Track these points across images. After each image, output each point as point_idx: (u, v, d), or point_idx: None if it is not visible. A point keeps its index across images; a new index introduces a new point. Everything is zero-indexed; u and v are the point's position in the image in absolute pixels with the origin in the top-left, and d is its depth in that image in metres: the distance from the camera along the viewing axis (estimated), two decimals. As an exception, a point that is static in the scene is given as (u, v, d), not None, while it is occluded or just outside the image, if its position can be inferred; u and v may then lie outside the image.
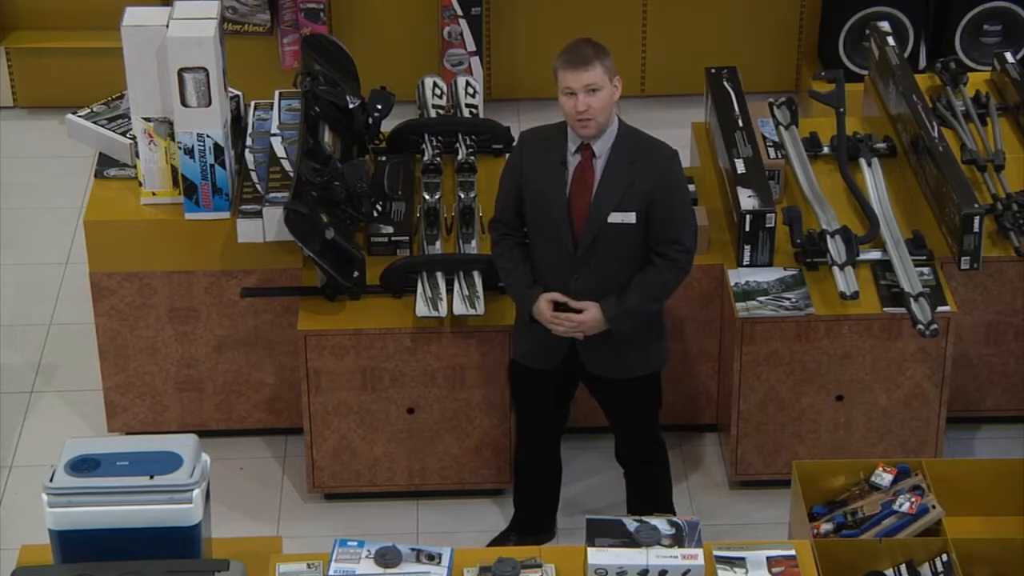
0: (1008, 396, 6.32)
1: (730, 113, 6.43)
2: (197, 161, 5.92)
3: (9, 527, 5.95)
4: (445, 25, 8.08)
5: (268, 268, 6.04)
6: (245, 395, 6.30)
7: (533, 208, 5.32)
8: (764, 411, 5.96)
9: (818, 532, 5.12)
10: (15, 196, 7.77)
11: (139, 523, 4.27)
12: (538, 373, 5.53)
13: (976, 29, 7.96)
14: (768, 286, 5.90)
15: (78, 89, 7.07)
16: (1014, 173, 6.38)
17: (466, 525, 5.94)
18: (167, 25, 5.81)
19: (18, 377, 6.73)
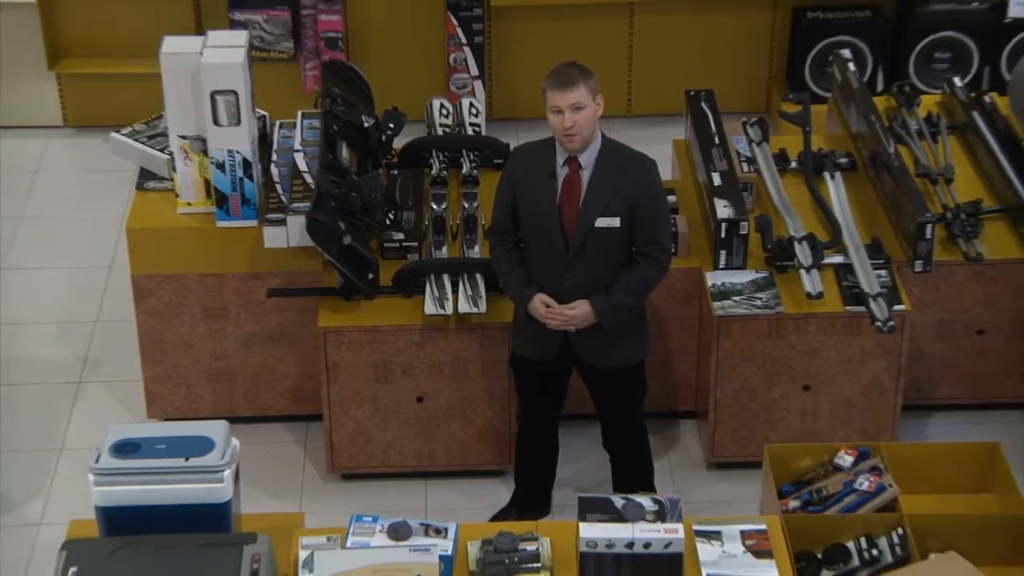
0: (958, 386, 6.31)
1: (707, 131, 6.41)
2: (228, 174, 5.91)
3: (59, 504, 5.93)
4: (451, 52, 8.07)
5: (291, 271, 6.02)
6: (270, 385, 6.28)
7: (527, 216, 5.31)
8: (738, 400, 5.94)
9: (786, 508, 5.11)
10: (65, 206, 7.76)
11: (175, 500, 4.27)
12: (536, 364, 5.52)
13: (928, 56, 7.96)
14: (742, 287, 5.88)
15: (121, 110, 7.05)
16: (962, 185, 6.38)
17: (470, 502, 5.92)
18: (201, 52, 5.82)
19: (67, 369, 6.71)
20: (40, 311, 7.06)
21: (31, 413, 6.46)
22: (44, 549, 5.67)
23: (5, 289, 7.19)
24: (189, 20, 7.97)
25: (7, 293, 7.17)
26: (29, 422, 6.41)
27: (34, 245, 7.51)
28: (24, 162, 8.09)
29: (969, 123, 6.69)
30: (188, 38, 6.01)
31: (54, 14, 8.07)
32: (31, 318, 7.01)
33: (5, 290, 7.19)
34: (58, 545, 4.25)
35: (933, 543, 4.79)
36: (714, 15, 8.09)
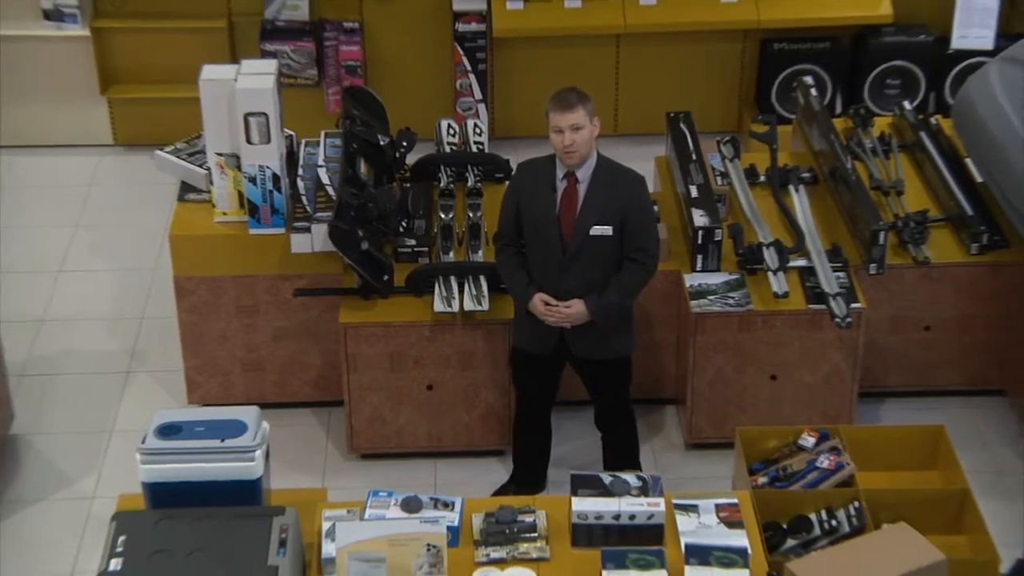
0: (907, 375, 6.31)
1: (685, 149, 6.41)
2: (259, 187, 5.91)
3: (110, 480, 5.94)
4: (457, 78, 8.07)
5: (315, 273, 6.01)
6: (297, 374, 6.27)
7: (529, 224, 5.31)
8: (713, 388, 5.94)
9: (756, 484, 5.10)
10: (114, 215, 7.76)
11: (212, 477, 4.27)
12: (534, 357, 5.52)
13: (881, 83, 7.96)
14: (716, 287, 5.88)
15: (164, 130, 7.03)
16: (911, 197, 6.38)
17: (474, 479, 5.90)
18: (236, 79, 5.82)
19: (117, 360, 6.70)
20: (93, 309, 7.05)
21: (85, 399, 6.46)
22: (96, 520, 5.67)
23: (63, 289, 7.19)
24: (225, 51, 7.96)
25: (64, 293, 7.17)
26: (83, 407, 6.41)
27: (88, 250, 7.51)
28: (79, 177, 8.08)
29: (917, 142, 6.69)
30: (224, 66, 6.00)
31: (105, 46, 8.06)
32: (85, 315, 7.01)
33: (62, 290, 7.19)
34: (109, 516, 4.26)
35: (885, 515, 4.79)
36: (691, 45, 8.08)
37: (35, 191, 7.97)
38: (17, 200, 7.89)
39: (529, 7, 7.84)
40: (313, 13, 7.96)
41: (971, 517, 4.95)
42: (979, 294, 6.14)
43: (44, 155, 8.24)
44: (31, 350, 6.72)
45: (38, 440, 6.21)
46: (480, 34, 7.96)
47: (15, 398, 6.23)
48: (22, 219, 7.72)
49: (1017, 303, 6.11)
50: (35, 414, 6.33)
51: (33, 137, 8.25)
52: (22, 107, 8.16)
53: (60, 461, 6.11)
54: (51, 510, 5.85)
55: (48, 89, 8.13)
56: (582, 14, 7.84)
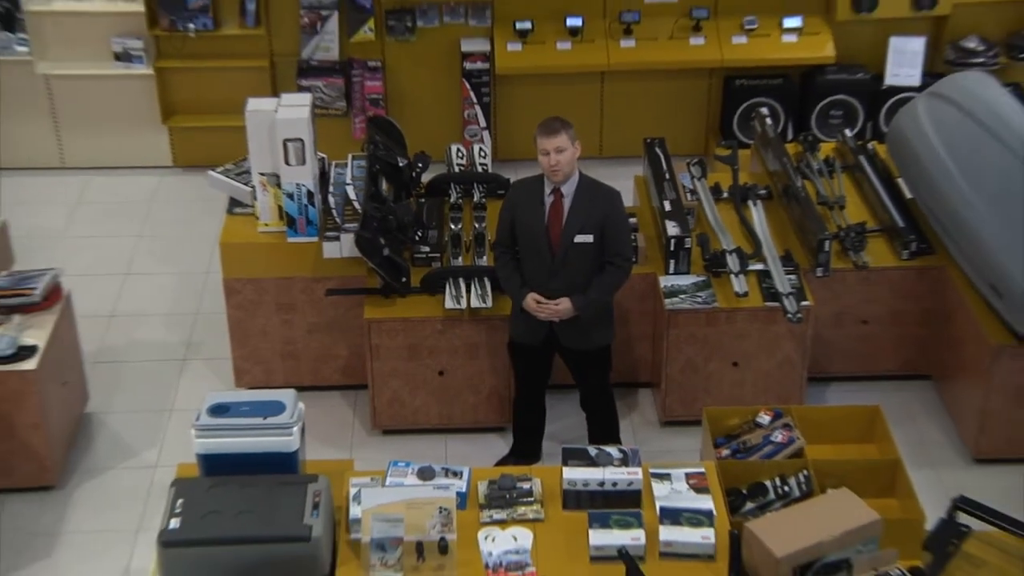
0: (848, 363, 6.31)
1: (660, 169, 6.40)
2: (296, 202, 5.92)
3: (170, 451, 5.95)
4: (465, 109, 8.06)
5: (344, 275, 6.01)
6: (327, 363, 6.26)
7: (522, 233, 5.32)
8: (683, 373, 5.93)
9: (720, 456, 5.09)
10: (173, 227, 7.76)
11: (256, 449, 4.30)
12: (527, 347, 5.52)
13: (825, 114, 7.96)
14: (686, 288, 5.87)
15: (216, 153, 7.03)
16: (852, 211, 6.37)
17: (479, 451, 5.90)
18: (276, 110, 5.84)
19: (175, 350, 6.71)
20: (155, 306, 7.05)
21: (148, 383, 6.46)
22: (159, 486, 5.68)
23: (129, 289, 7.19)
24: (267, 86, 7.96)
25: (131, 292, 7.16)
26: (147, 390, 6.41)
27: (150, 256, 7.50)
28: (143, 194, 8.08)
29: (857, 164, 6.69)
30: (266, 99, 6.02)
31: (166, 82, 8.05)
32: (148, 311, 7.01)
33: (129, 290, 7.18)
34: (169, 483, 4.27)
35: (830, 481, 4.77)
36: (664, 81, 8.07)
37: (106, 206, 7.97)
38: (91, 213, 7.90)
39: (526, 49, 7.83)
40: (342, 54, 7.95)
41: (902, 483, 4.94)
42: (909, 293, 6.14)
43: (114, 175, 8.23)
44: (103, 341, 6.71)
45: (109, 418, 6.22)
46: (485, 72, 7.95)
47: (89, 382, 6.24)
48: (95, 230, 7.73)
49: (940, 301, 6.10)
50: (106, 395, 6.33)
51: (105, 160, 8.25)
52: (96, 135, 8.17)
53: (127, 435, 6.11)
54: (120, 477, 5.86)
55: (118, 119, 8.13)
56: (572, 55, 7.83)
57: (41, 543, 5.48)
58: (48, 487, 5.72)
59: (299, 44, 7.93)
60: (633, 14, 7.76)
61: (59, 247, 7.44)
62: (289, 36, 7.94)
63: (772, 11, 7.85)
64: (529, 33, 7.81)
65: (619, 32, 7.84)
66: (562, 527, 4.36)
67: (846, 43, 7.90)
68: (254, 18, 7.87)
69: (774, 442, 5.12)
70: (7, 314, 5.68)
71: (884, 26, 7.81)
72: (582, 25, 7.80)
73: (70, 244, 7.53)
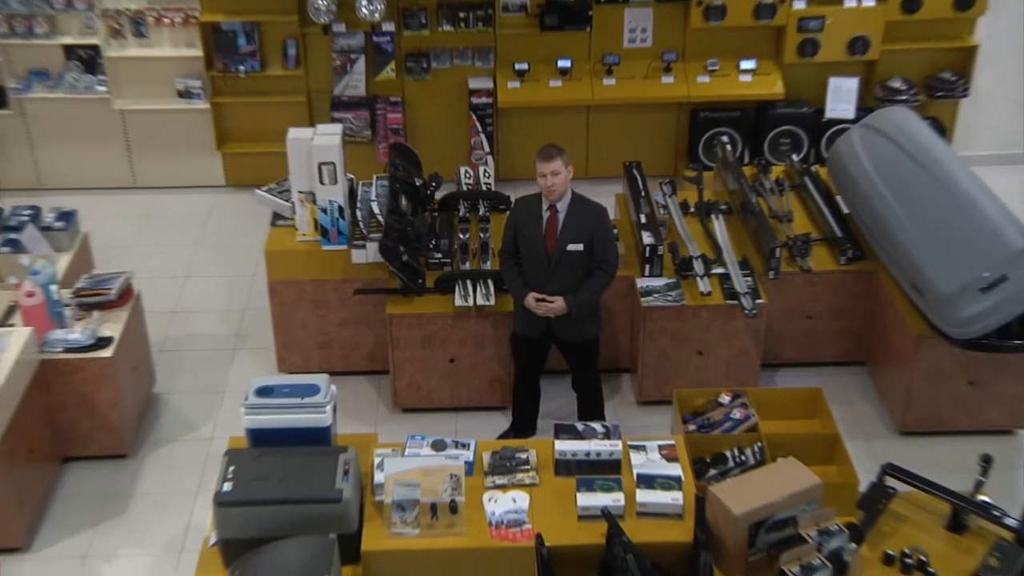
0: (795, 352, 6.29)
1: (636, 188, 6.39)
2: (329, 216, 5.90)
3: (223, 426, 5.94)
4: (472, 136, 8.04)
5: (369, 277, 5.99)
6: (356, 351, 6.24)
7: (523, 242, 5.31)
8: (657, 360, 5.93)
9: (687, 431, 5.09)
10: (225, 237, 7.74)
11: (295, 425, 4.29)
12: (527, 339, 5.51)
13: (776, 141, 7.96)
14: (659, 288, 5.86)
15: (261, 174, 7.02)
16: (798, 223, 6.36)
17: (484, 426, 5.88)
18: (312, 138, 5.82)
19: (227, 340, 6.69)
20: (210, 303, 7.03)
21: (205, 368, 6.44)
22: (214, 456, 5.68)
23: (189, 289, 7.17)
24: (305, 118, 7.95)
25: (190, 292, 7.15)
26: (204, 374, 6.39)
27: (207, 261, 7.48)
28: (200, 209, 8.06)
29: (802, 184, 6.68)
30: (304, 129, 5.99)
31: (220, 115, 8.03)
32: (204, 307, 6.99)
33: (190, 290, 7.17)
34: (222, 452, 4.26)
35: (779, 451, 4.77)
36: (640, 114, 8.05)
37: (170, 219, 7.95)
38: (157, 225, 7.89)
39: (524, 86, 7.81)
40: (368, 91, 7.93)
41: (839, 453, 4.93)
42: (846, 293, 6.13)
43: (176, 193, 8.22)
44: (166, 332, 6.70)
45: (172, 398, 6.20)
46: (489, 105, 7.93)
47: (156, 367, 6.23)
48: (161, 239, 7.71)
49: (872, 299, 6.09)
50: (169, 379, 6.31)
51: (168, 180, 8.24)
52: (161, 159, 8.16)
53: (187, 413, 6.10)
54: (182, 448, 5.85)
55: (179, 146, 8.11)
56: (562, 91, 7.81)
57: (117, 503, 5.48)
58: (122, 456, 5.72)
59: (332, 83, 7.91)
60: (614, 57, 7.76)
61: (130, 254, 7.42)
62: (323, 76, 7.92)
63: (731, 55, 7.85)
64: (526, 73, 7.80)
65: (602, 72, 7.83)
66: (554, 491, 4.36)
67: (793, 82, 7.89)
68: (294, 61, 7.86)
69: (733, 419, 5.11)
70: (88, 310, 5.67)
71: (824, 68, 7.80)
72: (571, 66, 7.79)
73: (139, 251, 7.51)
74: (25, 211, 6.39)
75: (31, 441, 5.27)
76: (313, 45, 7.85)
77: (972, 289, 5.27)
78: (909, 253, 5.61)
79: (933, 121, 7.66)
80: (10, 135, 7.98)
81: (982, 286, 5.26)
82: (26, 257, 5.88)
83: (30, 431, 5.26)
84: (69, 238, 6.29)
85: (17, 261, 5.88)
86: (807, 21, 7.70)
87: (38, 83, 7.86)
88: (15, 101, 7.85)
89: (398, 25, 7.75)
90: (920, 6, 7.62)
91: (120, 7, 7.73)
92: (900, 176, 5.81)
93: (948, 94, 7.94)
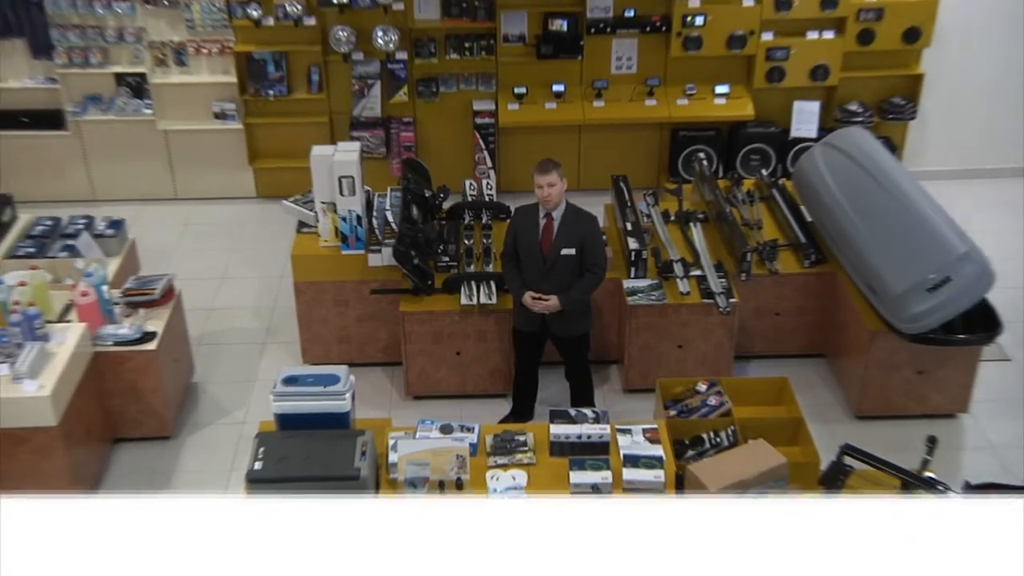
0: (765, 345, 6.27)
1: (623, 199, 6.38)
2: (348, 224, 5.90)
3: (254, 411, 5.92)
4: (476, 153, 8.03)
5: (384, 279, 5.97)
6: (372, 344, 6.23)
7: (522, 247, 5.30)
8: (641, 353, 5.91)
9: (668, 416, 5.09)
10: (256, 243, 7.72)
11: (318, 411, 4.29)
12: (525, 333, 5.50)
13: (747, 157, 7.93)
14: (643, 288, 5.84)
15: (288, 187, 7.02)
16: (767, 230, 6.34)
17: (487, 412, 5.87)
18: (333, 154, 5.82)
19: (258, 335, 6.67)
20: (242, 301, 7.02)
21: (238, 359, 6.43)
22: (245, 439, 5.65)
23: (224, 289, 7.16)
24: (327, 136, 7.92)
25: (225, 292, 7.13)
26: (237, 364, 6.38)
27: (240, 264, 7.46)
28: (234, 218, 8.05)
29: (771, 195, 6.66)
30: (326, 147, 5.99)
31: (252, 134, 8.02)
32: (237, 305, 6.98)
33: (224, 290, 7.15)
34: (253, 435, 4.26)
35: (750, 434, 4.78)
36: (626, 132, 8.03)
37: (208, 227, 7.94)
38: (197, 232, 7.88)
39: (522, 108, 7.79)
40: (383, 112, 7.92)
41: (803, 435, 4.94)
42: (809, 292, 6.12)
43: (212, 204, 8.20)
44: (204, 328, 6.69)
45: (209, 386, 6.20)
46: (491, 125, 7.92)
47: (195, 359, 6.22)
48: (199, 244, 7.70)
49: (832, 298, 6.09)
50: (206, 369, 6.31)
51: (206, 192, 8.22)
52: (199, 174, 8.15)
53: (223, 399, 6.09)
54: (217, 430, 5.85)
55: (215, 162, 8.10)
56: (556, 112, 7.80)
57: (161, 479, 5.48)
58: (165, 437, 5.71)
59: (351, 105, 7.90)
60: (602, 82, 7.75)
61: (172, 258, 7.42)
62: (343, 99, 7.91)
63: (707, 80, 7.83)
64: (524, 96, 7.78)
65: (592, 95, 7.82)
66: (549, 469, 4.36)
67: (761, 105, 7.87)
68: (317, 86, 7.85)
69: (709, 405, 5.12)
70: (135, 308, 5.67)
71: (790, 93, 7.79)
72: (564, 90, 7.77)
73: (180, 255, 7.50)
74: (80, 220, 6.42)
75: (86, 423, 5.28)
76: (334, 72, 7.84)
77: (920, 289, 5.28)
78: (865, 257, 5.61)
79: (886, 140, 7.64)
80: (67, 153, 7.98)
81: (929, 286, 5.26)
82: (81, 261, 5.88)
83: (85, 414, 5.26)
84: (118, 244, 6.30)
85: (73, 264, 5.89)
86: (774, 51, 7.69)
87: (92, 107, 7.87)
88: (72, 123, 7.86)
89: (410, 54, 7.75)
90: (873, 39, 7.63)
91: (164, 39, 7.74)
92: (857, 189, 5.81)
93: (898, 116, 7.95)
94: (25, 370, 4.89)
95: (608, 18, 7.64)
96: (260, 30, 7.65)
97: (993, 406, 5.86)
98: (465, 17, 7.66)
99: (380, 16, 7.58)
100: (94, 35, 7.63)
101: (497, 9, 7.61)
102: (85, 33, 7.61)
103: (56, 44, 7.60)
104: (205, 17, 7.68)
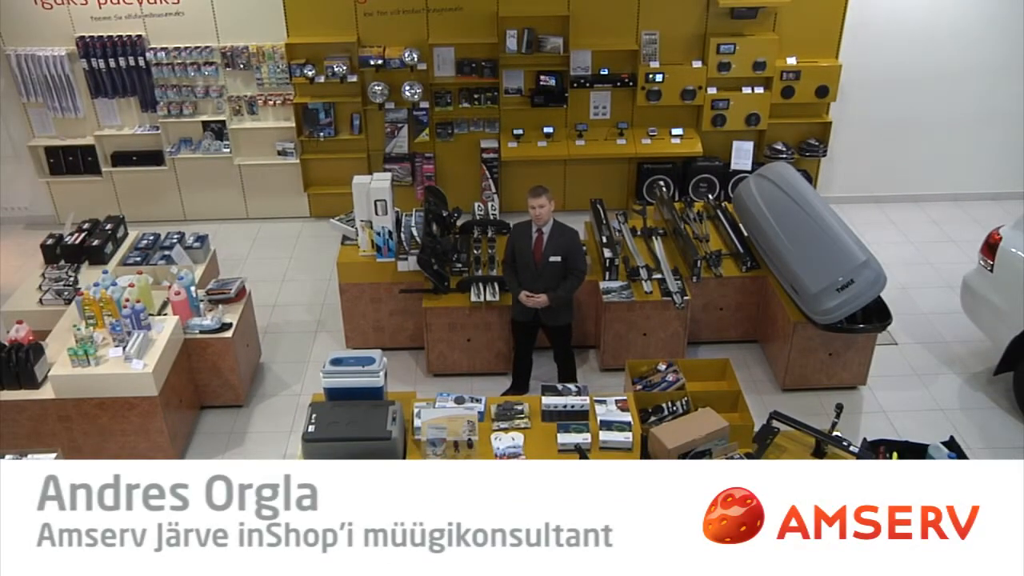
0: (711, 333, 6.24)
1: (600, 217, 6.36)
2: (382, 237, 5.87)
3: (308, 385, 5.90)
4: (483, 181, 7.99)
5: (410, 281, 5.94)
6: (401, 333, 6.19)
7: (518, 256, 5.28)
8: (614, 340, 5.87)
9: (635, 390, 5.07)
10: (309, 253, 7.67)
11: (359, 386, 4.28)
12: (522, 323, 5.47)
13: (697, 185, 7.90)
14: (616, 288, 5.82)
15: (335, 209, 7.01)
16: (713, 243, 6.30)
17: (491, 387, 5.85)
18: (370, 182, 5.78)
19: (311, 325, 6.63)
20: (298, 298, 6.98)
21: (295, 344, 6.40)
22: (302, 407, 5.64)
23: (285, 290, 7.12)
24: (365, 168, 7.89)
25: (285, 291, 7.10)
26: (294, 349, 6.35)
27: (296, 270, 7.42)
28: (290, 234, 8.00)
29: (716, 215, 6.63)
30: (364, 176, 5.94)
31: (307, 167, 7.98)
32: (295, 302, 6.94)
33: (285, 290, 7.11)
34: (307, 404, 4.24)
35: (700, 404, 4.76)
36: (602, 164, 7.98)
37: (272, 240, 7.90)
38: (262, 245, 7.84)
39: (520, 145, 7.75)
40: (409, 149, 7.89)
41: (741, 404, 4.92)
42: (745, 292, 6.10)
43: (276, 223, 8.16)
44: (269, 319, 6.66)
45: (273, 365, 6.18)
46: (495, 159, 7.88)
47: (262, 344, 6.20)
48: (265, 254, 7.66)
49: (763, 296, 6.07)
50: (271, 352, 6.28)
51: (270, 213, 8.18)
52: (266, 199, 8.11)
53: (284, 376, 6.07)
54: (279, 401, 5.83)
55: (278, 189, 8.06)
56: (547, 149, 7.76)
57: (236, 438, 5.46)
58: (239, 406, 5.70)
59: (384, 144, 7.86)
60: (583, 125, 7.73)
61: (244, 265, 7.39)
62: (378, 139, 7.87)
63: (665, 124, 7.82)
64: (521, 136, 7.75)
65: (575, 136, 7.79)
66: (541, 432, 4.35)
67: (708, 144, 7.85)
68: (358, 129, 7.82)
69: (667, 381, 5.12)
70: (216, 304, 5.67)
71: (729, 135, 7.78)
72: (553, 132, 7.75)
73: (250, 263, 7.47)
74: (174, 235, 6.43)
75: (179, 394, 5.29)
76: (371, 118, 7.82)
77: (830, 289, 5.30)
78: (788, 264, 5.62)
79: (804, 172, 7.65)
80: (165, 184, 8.00)
81: (837, 287, 5.29)
82: (175, 267, 5.92)
83: (178, 387, 5.28)
84: (203, 254, 6.30)
85: (169, 270, 5.91)
86: (718, 102, 7.68)
87: (184, 148, 7.90)
88: (169, 160, 7.91)
89: (431, 103, 7.73)
90: (794, 94, 7.66)
91: (240, 94, 7.75)
92: (782, 210, 5.82)
93: (813, 154, 7.96)
94: (134, 352, 4.97)
95: (587, 75, 7.65)
96: (314, 86, 7.64)
97: (885, 380, 5.87)
98: (475, 75, 7.66)
99: (407, 74, 7.57)
100: (187, 92, 7.70)
101: (500, 68, 7.62)
102: (180, 91, 7.67)
103: (159, 100, 7.67)
104: (271, 76, 7.68)
